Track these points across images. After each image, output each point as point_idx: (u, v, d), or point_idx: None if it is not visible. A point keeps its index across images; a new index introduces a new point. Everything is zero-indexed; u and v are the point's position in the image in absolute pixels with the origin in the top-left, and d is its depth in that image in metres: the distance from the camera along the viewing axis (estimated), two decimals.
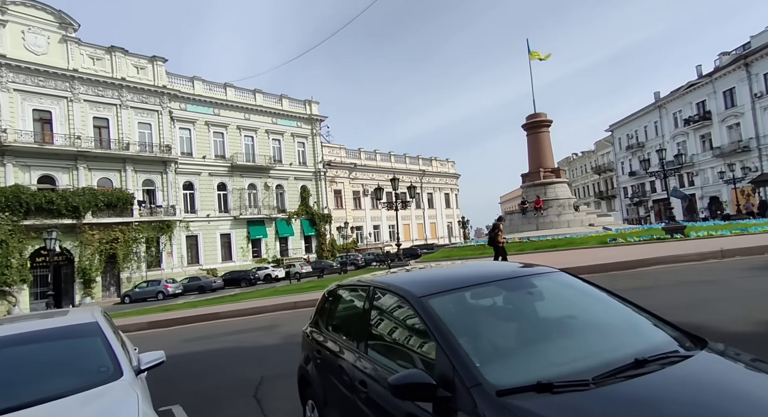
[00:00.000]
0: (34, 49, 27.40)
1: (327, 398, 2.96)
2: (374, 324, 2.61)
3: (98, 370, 2.80)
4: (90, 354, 2.94)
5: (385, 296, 2.62)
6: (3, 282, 24.61)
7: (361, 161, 47.55)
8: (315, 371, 3.18)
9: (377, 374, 2.25)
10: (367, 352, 2.52)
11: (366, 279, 3.05)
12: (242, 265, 35.16)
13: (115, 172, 30.51)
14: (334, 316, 3.31)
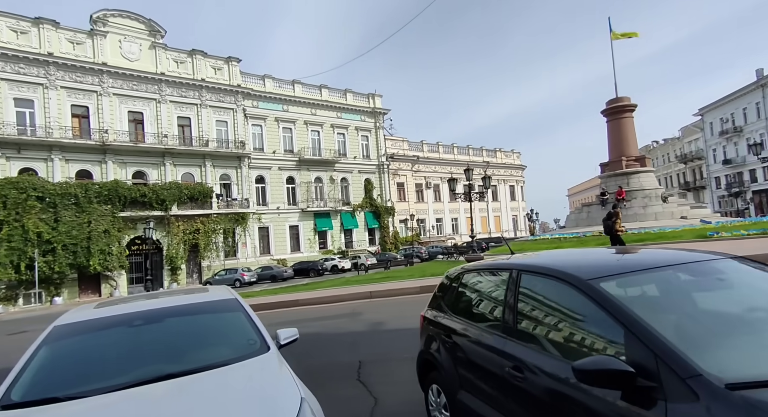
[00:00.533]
0: (129, 56, 30.10)
1: (462, 383, 2.86)
2: (523, 307, 2.47)
3: (247, 342, 2.91)
4: (237, 327, 3.07)
5: (537, 279, 2.46)
6: (106, 267, 27.49)
7: (424, 153, 47.20)
8: (445, 355, 3.09)
9: (535, 359, 2.17)
10: (517, 336, 2.40)
11: (503, 262, 2.90)
12: (309, 256, 36.43)
13: (196, 167, 32.80)
14: (462, 300, 3.19)
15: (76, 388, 2.39)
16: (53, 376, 2.54)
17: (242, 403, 2.18)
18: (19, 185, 25.01)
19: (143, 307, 3.30)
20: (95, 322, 3.01)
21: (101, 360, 2.71)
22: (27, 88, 26.64)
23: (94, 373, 2.58)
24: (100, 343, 2.83)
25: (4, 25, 26.08)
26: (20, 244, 24.52)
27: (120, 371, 2.58)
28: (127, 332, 2.93)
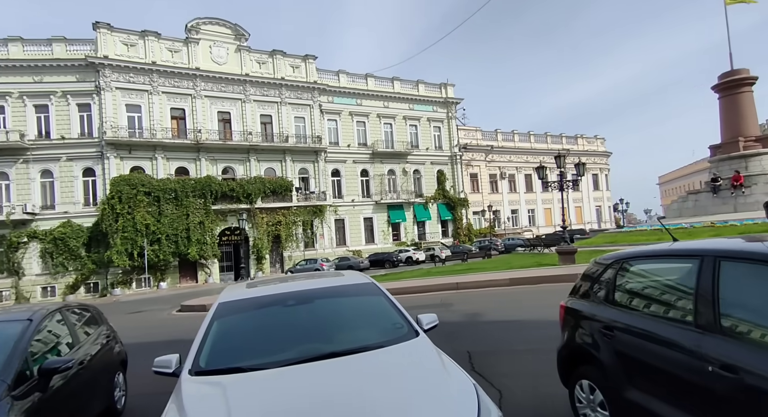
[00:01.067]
0: (218, 59, 32.39)
1: (632, 380, 2.57)
2: (731, 299, 2.11)
3: (394, 326, 2.89)
4: (382, 311, 3.08)
5: (749, 267, 2.08)
6: (202, 256, 30.06)
7: (498, 143, 45.50)
8: (605, 350, 2.80)
9: (756, 360, 1.88)
10: (721, 332, 2.07)
11: (688, 247, 2.54)
12: (383, 248, 36.93)
13: (277, 162, 34.55)
14: (626, 290, 2.88)
15: (251, 361, 2.51)
16: (228, 348, 2.71)
17: (421, 386, 2.14)
18: (130, 182, 28.13)
19: (293, 289, 3.43)
20: (254, 300, 3.17)
21: (266, 336, 2.85)
22: (136, 95, 29.76)
23: (262, 348, 2.71)
24: (261, 319, 2.98)
25: (118, 39, 29.30)
26: (132, 235, 27.62)
27: (284, 347, 2.69)
28: (284, 311, 3.07)
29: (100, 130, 28.51)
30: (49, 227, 27.50)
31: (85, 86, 28.67)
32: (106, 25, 28.77)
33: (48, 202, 28.23)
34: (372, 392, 2.10)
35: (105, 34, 28.82)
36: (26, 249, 27.21)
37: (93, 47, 28.84)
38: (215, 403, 2.08)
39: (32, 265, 27.27)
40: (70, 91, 28.48)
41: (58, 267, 27.41)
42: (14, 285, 26.86)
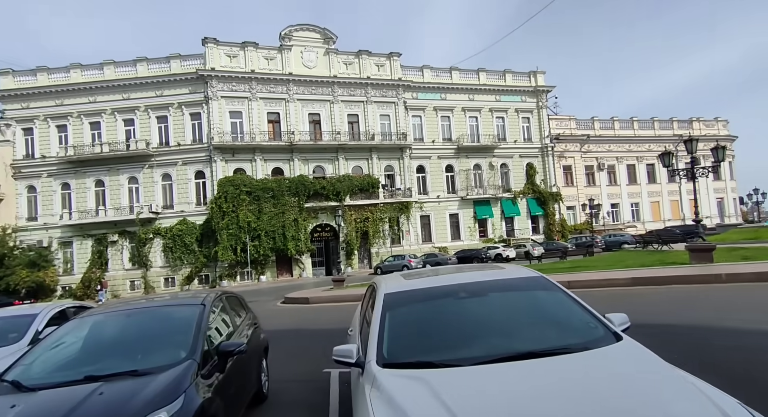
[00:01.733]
0: (308, 64, 33.90)
1: None
2: None
3: (587, 326, 2.54)
4: (565, 308, 2.73)
5: None
6: (297, 252, 31.75)
7: (595, 132, 41.88)
8: None
9: None
10: None
11: None
12: (470, 245, 35.96)
13: (364, 160, 35.26)
14: None
15: (439, 355, 2.35)
16: (409, 340, 2.59)
17: (669, 396, 1.83)
18: (234, 182, 30.60)
19: (461, 280, 3.26)
20: (423, 292, 3.03)
21: (445, 329, 2.67)
22: (237, 102, 32.28)
23: (446, 342, 2.53)
24: (435, 312, 2.83)
25: (222, 52, 32.00)
26: (236, 231, 30.03)
27: (468, 342, 2.50)
28: (457, 304, 2.90)
29: (209, 136, 31.37)
30: (169, 225, 30.95)
31: (196, 97, 31.75)
32: (213, 40, 31.55)
33: (168, 202, 31.78)
34: (610, 399, 1.80)
35: (212, 48, 31.62)
36: (152, 244, 30.92)
37: (202, 61, 31.79)
38: (431, 401, 1.90)
39: (156, 259, 30.92)
40: (184, 102, 31.74)
41: (176, 260, 30.77)
42: (144, 276, 30.69)
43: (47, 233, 30.48)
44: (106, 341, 3.47)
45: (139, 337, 3.46)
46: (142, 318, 3.80)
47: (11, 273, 26.43)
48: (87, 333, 3.55)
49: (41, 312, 5.64)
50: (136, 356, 3.17)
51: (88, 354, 3.27)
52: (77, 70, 31.51)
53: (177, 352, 3.09)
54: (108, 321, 3.76)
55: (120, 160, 31.00)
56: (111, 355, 3.23)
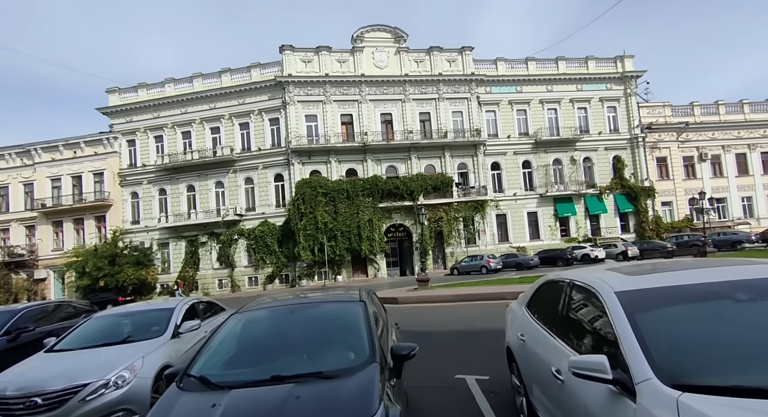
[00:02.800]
0: (380, 64, 33.95)
1: None
2: None
3: None
4: None
5: None
6: (371, 252, 31.81)
7: (695, 118, 37.47)
8: None
9: None
10: None
11: None
12: (550, 244, 33.81)
13: (436, 158, 34.53)
14: None
15: None
16: (692, 353, 2.00)
17: None
18: (311, 184, 31.38)
19: (729, 277, 2.52)
20: (683, 290, 2.39)
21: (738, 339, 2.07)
22: (312, 106, 33.15)
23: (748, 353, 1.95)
24: (709, 316, 2.24)
25: (298, 58, 33.07)
26: (314, 232, 30.73)
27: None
28: (732, 308, 2.26)
29: (286, 140, 32.51)
30: (251, 226, 32.50)
31: (274, 103, 33.10)
32: (289, 47, 32.70)
33: (250, 205, 33.42)
34: None
35: (288, 55, 32.77)
36: (236, 245, 32.66)
37: (279, 68, 33.07)
38: None
39: (241, 259, 32.61)
40: (264, 109, 33.22)
41: (259, 260, 32.19)
42: (230, 275, 32.50)
43: (148, 235, 33.41)
44: (275, 338, 3.28)
45: (307, 334, 3.26)
46: (306, 315, 3.60)
47: (120, 271, 29.22)
48: (253, 329, 3.42)
49: (177, 306, 5.74)
50: (308, 355, 2.97)
51: (262, 351, 3.12)
52: (171, 84, 34.25)
53: (355, 354, 2.83)
54: (271, 317, 3.58)
55: (208, 165, 33.16)
56: (283, 353, 3.06)
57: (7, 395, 3.94)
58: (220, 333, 3.29)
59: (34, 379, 4.16)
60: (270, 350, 3.05)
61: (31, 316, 6.85)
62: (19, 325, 6.43)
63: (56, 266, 32.75)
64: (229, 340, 3.22)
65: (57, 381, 4.04)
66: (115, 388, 4.10)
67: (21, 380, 4.14)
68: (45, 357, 4.87)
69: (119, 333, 5.41)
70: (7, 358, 6.04)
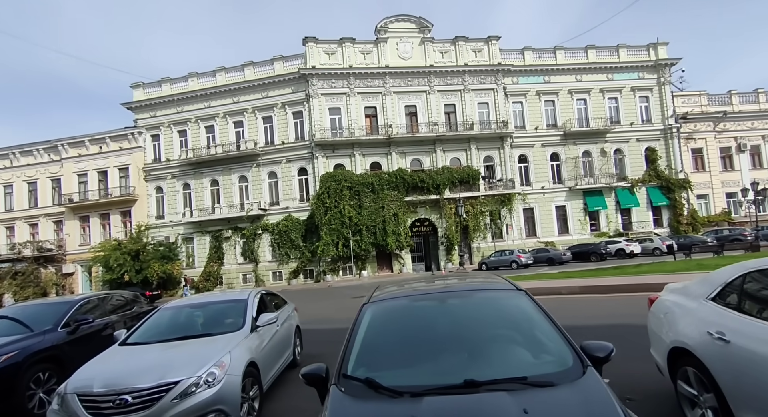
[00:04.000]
0: (404, 55, 33.26)
1: None
2: None
3: None
4: None
5: None
6: (397, 246, 31.25)
7: (733, 107, 35.92)
8: None
9: None
10: None
11: None
12: (580, 239, 32.80)
13: (462, 151, 33.75)
14: None
15: None
16: None
17: None
18: (336, 178, 30.92)
19: None
20: None
21: None
22: (336, 99, 32.66)
23: None
24: None
25: (321, 50, 32.58)
26: (338, 227, 30.28)
27: None
28: None
29: (310, 133, 32.10)
30: (275, 221, 32.22)
31: (298, 96, 32.70)
32: (312, 39, 32.22)
33: (273, 199, 33.15)
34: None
35: (312, 47, 32.30)
36: (260, 240, 32.44)
37: (302, 60, 32.63)
38: None
39: (265, 253, 32.38)
40: (287, 102, 32.85)
41: (283, 255, 31.92)
42: (254, 270, 32.31)
43: (172, 230, 33.41)
44: (433, 333, 2.61)
45: (472, 329, 2.61)
46: (460, 305, 2.95)
47: (147, 266, 29.23)
48: (400, 321, 2.77)
49: (249, 298, 5.28)
50: (485, 355, 2.38)
51: (424, 349, 2.45)
52: (194, 78, 34.11)
53: (552, 356, 2.29)
54: (418, 307, 2.94)
55: (231, 160, 32.96)
56: (451, 351, 2.42)
57: (94, 392, 3.50)
58: (360, 326, 2.66)
59: (119, 374, 3.72)
60: (434, 348, 2.45)
61: (88, 307, 6.47)
62: (77, 316, 6.05)
63: (83, 261, 33.02)
64: (375, 334, 2.61)
65: (145, 377, 3.59)
66: (207, 387, 3.63)
67: (105, 376, 3.70)
68: (122, 351, 4.44)
69: (193, 326, 4.98)
70: (68, 351, 5.66)
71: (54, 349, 5.46)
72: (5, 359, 4.80)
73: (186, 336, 4.56)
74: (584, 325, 7.29)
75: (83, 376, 3.78)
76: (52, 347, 5.44)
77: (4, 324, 5.84)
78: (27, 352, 5.07)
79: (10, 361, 4.83)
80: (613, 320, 7.80)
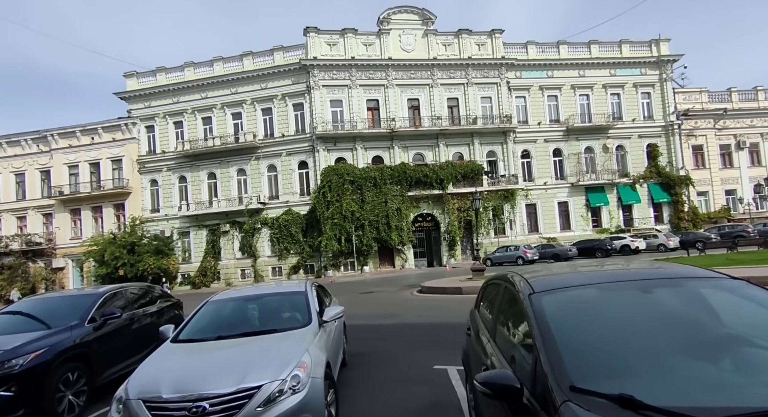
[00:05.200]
0: (407, 47, 32.66)
1: None
2: None
3: None
4: None
5: None
6: (399, 242, 30.75)
7: (733, 104, 36.09)
8: None
9: None
10: None
11: None
12: (581, 235, 32.69)
13: (465, 146, 33.33)
14: None
15: None
16: None
17: None
18: (338, 171, 30.27)
19: None
20: None
21: None
22: (338, 91, 31.95)
23: None
24: None
25: (323, 40, 31.81)
26: (340, 221, 29.66)
27: None
28: None
29: (311, 125, 31.36)
30: (275, 215, 31.46)
31: (298, 87, 31.91)
32: (314, 29, 31.43)
33: (273, 193, 32.37)
34: None
35: (313, 37, 31.52)
36: (259, 234, 31.67)
37: (303, 51, 31.83)
38: None
39: (264, 248, 31.62)
40: (288, 93, 32.03)
41: (283, 250, 31.19)
42: (253, 265, 31.55)
43: (168, 224, 32.45)
44: (661, 332, 2.00)
45: (707, 329, 2.07)
46: (670, 297, 2.31)
47: (140, 260, 28.29)
48: (612, 318, 2.16)
49: (306, 290, 4.70)
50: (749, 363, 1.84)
51: (666, 355, 1.81)
52: (190, 68, 33.08)
53: None
54: (620, 298, 2.31)
55: (229, 152, 32.07)
56: (700, 357, 1.84)
57: (164, 399, 2.91)
58: (546, 323, 2.01)
59: (189, 378, 3.13)
60: (676, 352, 1.85)
61: (114, 300, 5.82)
62: (104, 310, 5.40)
63: (75, 255, 31.90)
64: (577, 333, 2.02)
65: (221, 381, 3.01)
66: (291, 393, 3.06)
67: (173, 379, 3.11)
68: (179, 349, 3.83)
69: (250, 320, 4.39)
70: (97, 349, 5.02)
71: (82, 347, 4.83)
72: (33, 358, 4.17)
73: (247, 332, 3.98)
74: None
75: (144, 379, 3.19)
76: (80, 344, 4.81)
77: (18, 320, 5.19)
78: (56, 350, 4.45)
79: (38, 359, 4.21)
80: None
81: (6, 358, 4.03)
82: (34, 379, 4.10)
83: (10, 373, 3.97)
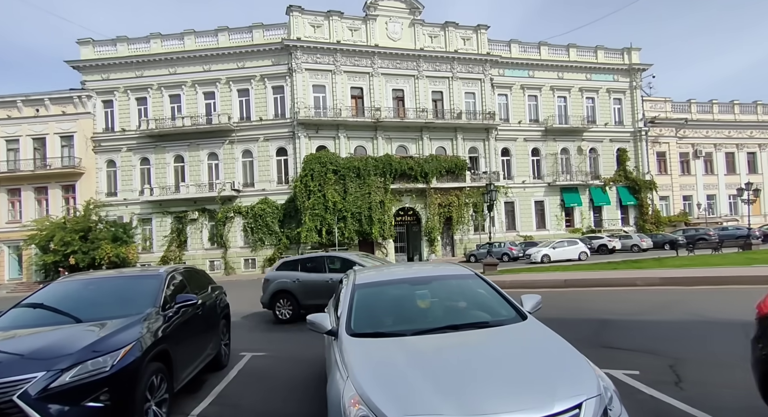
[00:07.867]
0: (393, 36, 31.69)
1: None
2: None
3: None
4: None
5: None
6: (380, 235, 29.79)
7: (692, 115, 38.47)
8: None
9: None
10: None
11: None
12: (555, 234, 33.43)
13: (448, 140, 32.95)
14: None
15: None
16: None
17: None
18: (321, 160, 28.77)
19: None
20: None
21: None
22: (321, 75, 30.37)
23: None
24: None
25: (307, 21, 30.08)
26: (321, 212, 28.23)
27: None
28: None
29: (292, 110, 29.59)
30: (250, 204, 29.41)
31: (279, 69, 29.98)
32: (298, 8, 29.63)
33: (248, 180, 30.26)
34: None
35: (297, 17, 29.72)
36: (232, 223, 29.47)
37: (286, 31, 29.95)
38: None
39: (236, 239, 29.47)
40: (267, 75, 30.01)
41: (257, 241, 29.23)
42: (223, 256, 29.30)
43: (127, 209, 29.38)
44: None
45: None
46: None
47: (96, 247, 25.32)
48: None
49: (476, 273, 3.69)
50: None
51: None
52: (157, 40, 30.12)
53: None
54: None
55: (200, 134, 29.56)
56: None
57: None
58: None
59: (458, 392, 1.99)
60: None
61: (179, 283, 4.43)
62: (176, 295, 4.03)
63: (12, 240, 28.08)
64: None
65: (514, 400, 1.93)
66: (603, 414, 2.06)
67: (441, 395, 1.96)
68: (381, 348, 2.65)
69: (426, 311, 3.45)
70: (176, 343, 3.69)
71: (165, 341, 3.49)
72: (124, 355, 2.83)
73: (452, 326, 2.90)
74: None
75: (396, 394, 2.04)
76: (163, 338, 3.47)
77: (70, 304, 3.76)
78: (144, 344, 3.11)
79: (128, 357, 2.87)
80: None
81: (89, 357, 2.68)
82: (126, 383, 2.79)
83: (101, 375, 2.65)
